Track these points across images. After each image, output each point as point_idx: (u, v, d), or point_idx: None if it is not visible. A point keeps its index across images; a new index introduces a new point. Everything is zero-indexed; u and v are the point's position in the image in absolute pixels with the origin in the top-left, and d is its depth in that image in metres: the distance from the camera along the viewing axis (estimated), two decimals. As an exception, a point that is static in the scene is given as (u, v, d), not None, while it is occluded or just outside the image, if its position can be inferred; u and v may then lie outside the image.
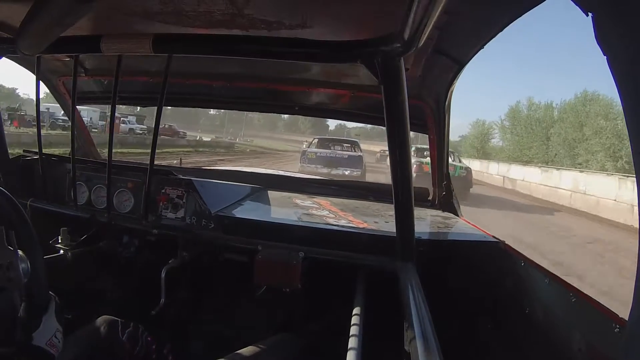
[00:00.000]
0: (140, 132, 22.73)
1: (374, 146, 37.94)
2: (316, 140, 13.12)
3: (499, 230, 1.72)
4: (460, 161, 12.39)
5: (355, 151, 12.14)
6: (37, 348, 0.73)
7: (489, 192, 14.43)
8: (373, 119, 1.61)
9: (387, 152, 0.97)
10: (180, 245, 1.24)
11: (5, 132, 1.43)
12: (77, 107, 1.47)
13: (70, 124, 1.41)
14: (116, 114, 1.36)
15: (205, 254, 1.26)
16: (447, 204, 1.63)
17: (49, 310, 0.78)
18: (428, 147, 1.64)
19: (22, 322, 0.74)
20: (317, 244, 1.14)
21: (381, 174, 14.47)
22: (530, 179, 16.14)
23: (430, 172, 1.69)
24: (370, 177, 11.23)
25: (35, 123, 1.35)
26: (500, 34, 0.88)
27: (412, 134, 1.13)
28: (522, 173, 17.25)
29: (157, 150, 1.22)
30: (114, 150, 1.24)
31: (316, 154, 11.17)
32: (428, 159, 1.68)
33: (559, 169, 15.77)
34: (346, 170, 10.67)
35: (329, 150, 11.64)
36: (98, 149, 1.97)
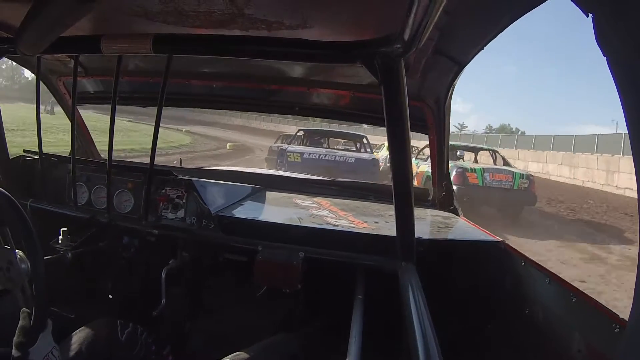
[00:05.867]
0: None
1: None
2: (302, 134, 8.43)
3: None
4: (506, 163, 7.84)
5: (364, 151, 8.14)
6: None
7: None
8: (373, 119, 1.61)
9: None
10: (180, 245, 1.24)
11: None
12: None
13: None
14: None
15: (205, 254, 1.26)
16: (447, 204, 1.63)
17: (47, 329, 0.78)
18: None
19: (17, 337, 0.74)
20: (317, 244, 1.14)
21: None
22: None
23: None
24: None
25: None
26: (500, 34, 0.88)
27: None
28: None
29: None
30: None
31: (302, 156, 7.04)
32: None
33: None
34: None
35: (324, 150, 7.52)
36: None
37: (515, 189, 6.91)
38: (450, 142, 1.63)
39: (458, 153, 7.20)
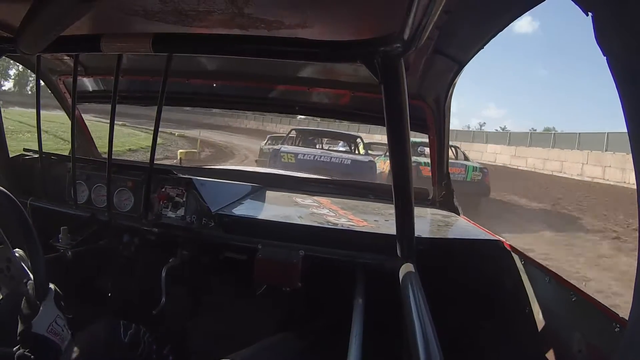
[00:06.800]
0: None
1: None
2: (294, 133, 8.39)
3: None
4: (466, 158, 8.60)
5: (358, 152, 8.00)
6: (37, 336, 0.71)
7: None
8: (373, 119, 1.61)
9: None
10: (181, 244, 1.24)
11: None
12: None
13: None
14: None
15: (205, 252, 1.26)
16: (448, 203, 1.63)
17: (48, 296, 0.75)
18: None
19: (20, 309, 0.72)
20: (317, 242, 1.14)
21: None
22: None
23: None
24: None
25: None
26: (500, 33, 0.88)
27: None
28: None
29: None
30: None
31: (297, 157, 6.87)
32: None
33: None
34: None
35: (319, 151, 7.37)
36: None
37: (468, 181, 7.56)
38: (413, 139, 1.64)
39: (419, 149, 7.52)
